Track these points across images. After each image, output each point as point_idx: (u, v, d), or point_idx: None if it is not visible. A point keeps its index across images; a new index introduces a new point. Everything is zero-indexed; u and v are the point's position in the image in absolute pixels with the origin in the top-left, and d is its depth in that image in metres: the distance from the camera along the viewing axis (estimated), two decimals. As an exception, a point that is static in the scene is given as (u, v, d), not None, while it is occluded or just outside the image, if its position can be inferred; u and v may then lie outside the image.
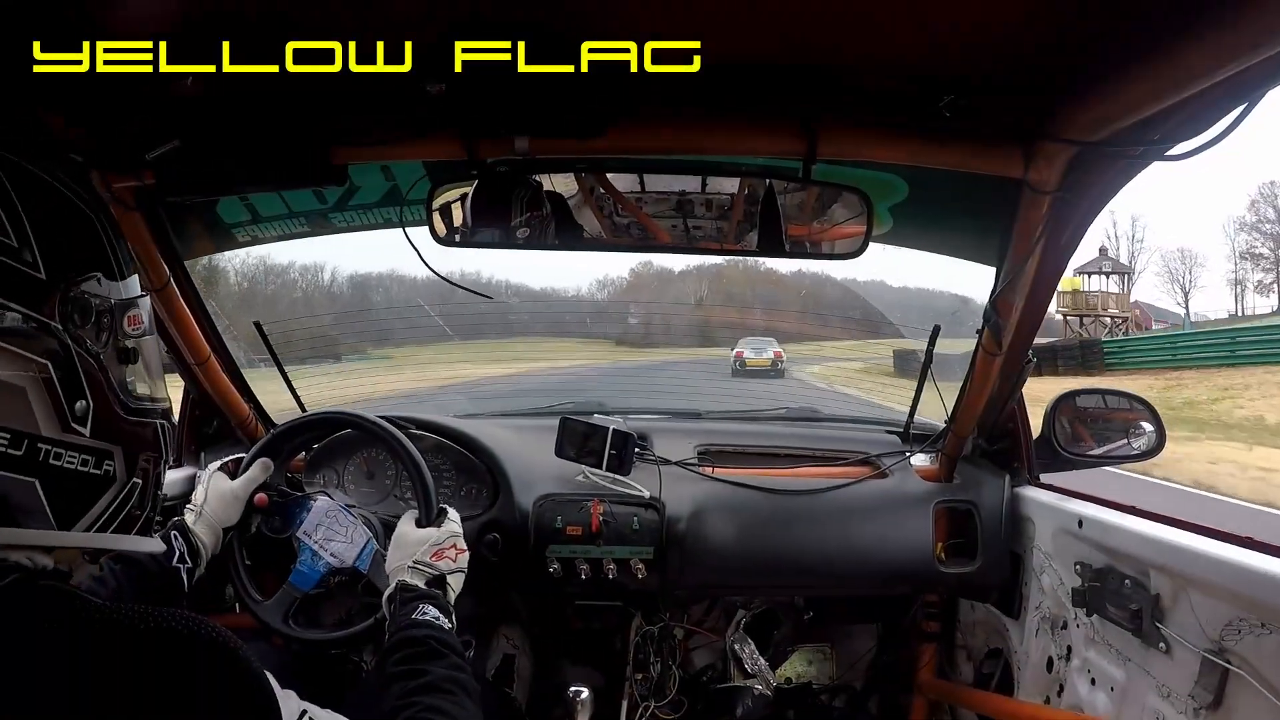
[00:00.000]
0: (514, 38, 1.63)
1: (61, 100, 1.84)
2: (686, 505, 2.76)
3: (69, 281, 1.09)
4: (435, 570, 2.03)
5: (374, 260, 44.34)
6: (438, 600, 1.91)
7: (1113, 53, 1.51)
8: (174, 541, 2.12)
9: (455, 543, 2.12)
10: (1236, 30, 1.24)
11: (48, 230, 1.06)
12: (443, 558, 2.06)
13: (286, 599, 2.33)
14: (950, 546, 2.83)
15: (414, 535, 2.10)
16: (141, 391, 1.22)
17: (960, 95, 1.80)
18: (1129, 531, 2.13)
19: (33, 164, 1.09)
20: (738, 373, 22.32)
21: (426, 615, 1.81)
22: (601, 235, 2.30)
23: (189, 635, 0.99)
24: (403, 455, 2.38)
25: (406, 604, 1.87)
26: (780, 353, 22.94)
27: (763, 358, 22.99)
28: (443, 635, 1.74)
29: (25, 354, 1.02)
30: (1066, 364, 33.37)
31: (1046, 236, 2.05)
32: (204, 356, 2.76)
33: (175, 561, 2.09)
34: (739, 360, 22.67)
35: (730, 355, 23.43)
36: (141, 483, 1.20)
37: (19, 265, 1.02)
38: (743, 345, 23.38)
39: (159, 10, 1.57)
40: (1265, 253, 65.95)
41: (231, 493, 2.32)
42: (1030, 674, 2.63)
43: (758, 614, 3.35)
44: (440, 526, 2.14)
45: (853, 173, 2.29)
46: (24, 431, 1.02)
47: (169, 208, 2.42)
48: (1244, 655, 1.74)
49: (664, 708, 3.16)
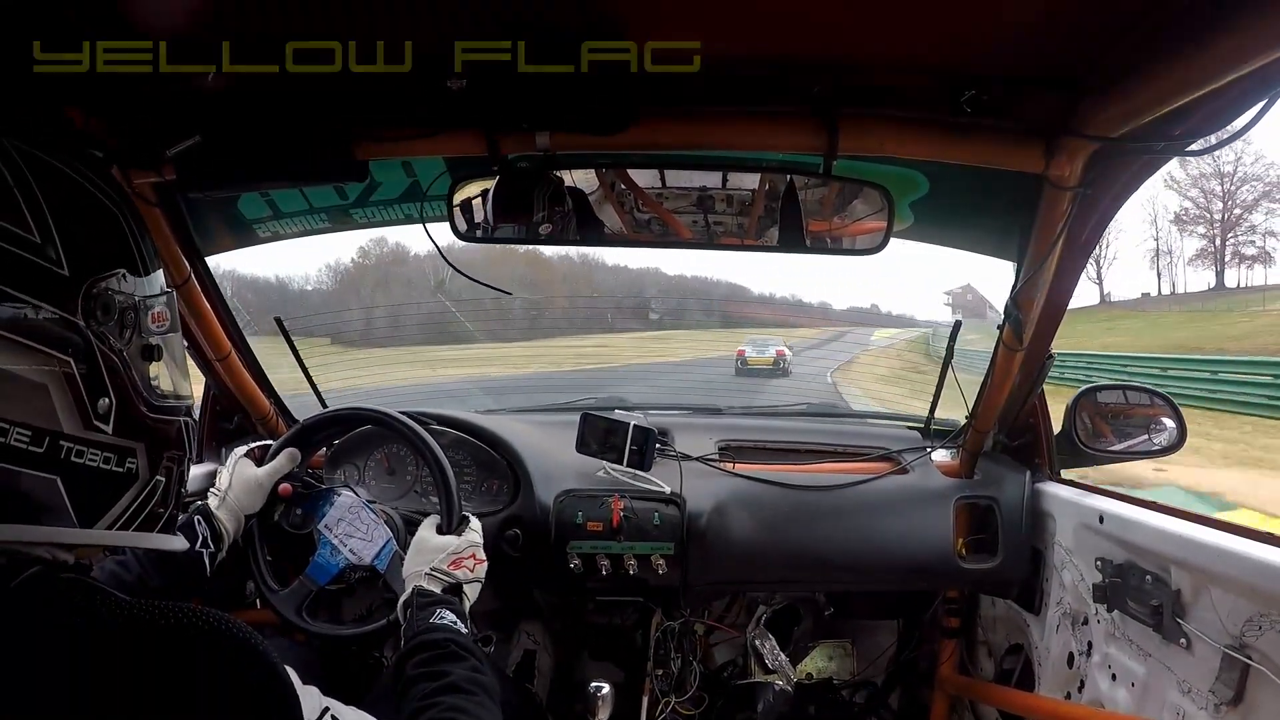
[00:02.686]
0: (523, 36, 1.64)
1: (81, 96, 1.85)
2: (707, 501, 2.75)
3: (93, 278, 1.09)
4: (452, 579, 2.04)
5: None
6: (454, 606, 1.91)
7: (1135, 48, 1.51)
8: (198, 526, 2.13)
9: (474, 552, 2.12)
10: (1259, 26, 1.24)
11: (71, 226, 1.06)
12: (460, 566, 2.07)
13: (302, 591, 2.34)
14: (971, 542, 2.83)
15: (434, 542, 2.11)
16: (165, 388, 1.22)
17: (981, 90, 1.80)
18: (1150, 527, 2.12)
19: (56, 159, 1.10)
20: (740, 371, 22.29)
21: (445, 619, 1.82)
22: (622, 231, 2.30)
23: (210, 631, 1.00)
24: (428, 458, 2.38)
25: (424, 609, 1.88)
26: (784, 350, 22.76)
27: (765, 356, 22.83)
28: (461, 639, 1.75)
29: (48, 350, 1.02)
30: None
31: (1067, 232, 2.04)
32: (225, 352, 2.78)
33: (199, 546, 2.10)
34: (740, 359, 22.62)
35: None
36: (165, 480, 1.21)
37: (42, 261, 1.02)
38: (745, 344, 23.32)
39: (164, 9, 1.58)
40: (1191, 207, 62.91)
41: (256, 480, 2.33)
42: (1051, 669, 2.63)
43: (778, 610, 3.35)
44: (461, 535, 2.15)
45: (873, 168, 2.28)
46: (46, 429, 1.02)
47: (189, 203, 2.44)
48: (1265, 651, 1.73)
49: (684, 703, 3.16)
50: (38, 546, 1.04)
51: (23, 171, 1.03)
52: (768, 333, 25.00)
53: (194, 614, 1.00)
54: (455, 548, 2.09)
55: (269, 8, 1.56)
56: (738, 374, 22.15)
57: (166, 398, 1.22)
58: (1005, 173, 1.99)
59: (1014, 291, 2.31)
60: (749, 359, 22.60)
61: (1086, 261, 2.19)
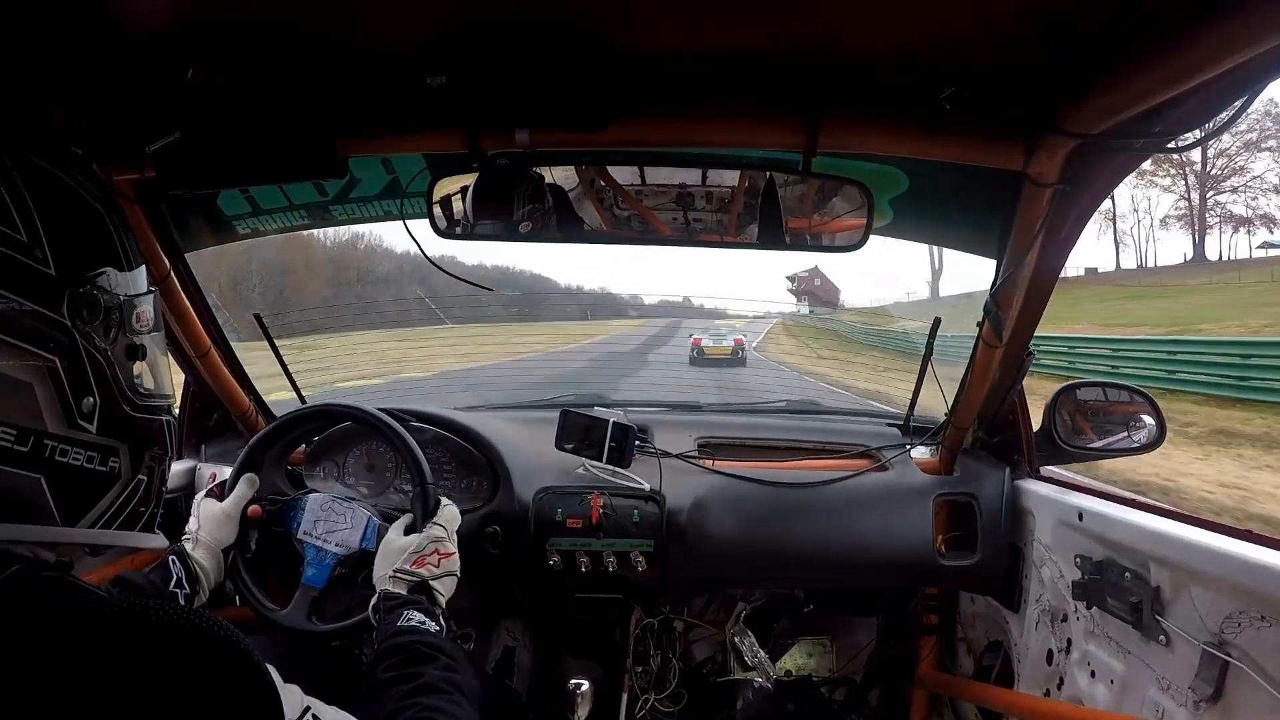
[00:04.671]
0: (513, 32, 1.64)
1: (62, 92, 1.84)
2: (687, 498, 2.75)
3: (79, 277, 1.08)
4: (416, 577, 2.04)
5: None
6: (421, 605, 1.91)
7: (1115, 45, 1.51)
8: (172, 567, 2.12)
9: (438, 548, 2.12)
10: (1239, 22, 1.25)
11: (57, 226, 1.06)
12: (424, 564, 2.07)
13: (305, 599, 2.32)
14: (950, 539, 2.84)
15: (396, 544, 2.12)
16: (148, 387, 1.22)
17: (962, 87, 1.80)
18: (1129, 524, 2.13)
19: (41, 158, 1.09)
20: (696, 361, 22.29)
21: (411, 621, 1.82)
22: (602, 228, 2.29)
23: (192, 629, 0.99)
24: (395, 441, 2.40)
25: (390, 611, 1.88)
26: (742, 339, 22.78)
27: (722, 345, 22.88)
28: (429, 639, 1.75)
29: (34, 349, 1.02)
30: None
31: (1047, 229, 2.05)
32: (204, 349, 2.77)
33: (173, 586, 2.09)
34: (696, 348, 22.68)
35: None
36: (147, 479, 1.21)
37: (29, 261, 1.02)
38: (701, 332, 23.20)
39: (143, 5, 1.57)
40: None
41: (223, 513, 2.32)
42: (1030, 666, 2.64)
43: (758, 607, 3.36)
44: (423, 532, 2.14)
45: (853, 165, 2.29)
46: (30, 428, 1.02)
47: (169, 200, 2.43)
48: (1244, 648, 1.74)
49: (664, 700, 3.17)
50: (19, 545, 1.03)
51: (9, 170, 1.03)
52: (728, 322, 25.27)
53: (176, 612, 0.99)
54: (416, 546, 2.09)
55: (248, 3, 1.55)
56: (692, 364, 22.05)
57: (149, 396, 1.21)
58: (985, 170, 2.00)
59: (994, 288, 2.31)
60: (706, 348, 22.66)
61: (1066, 258, 2.19)
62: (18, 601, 0.97)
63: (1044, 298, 2.30)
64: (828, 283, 54.05)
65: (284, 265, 60.75)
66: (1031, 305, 2.31)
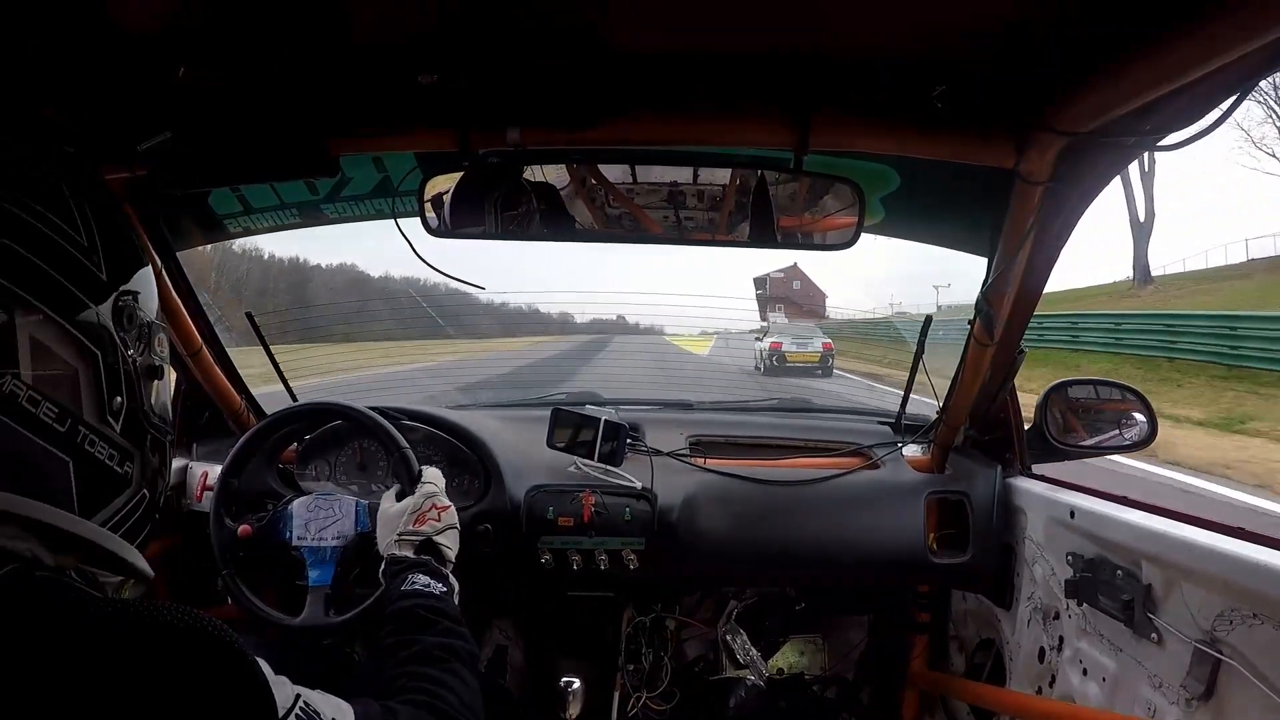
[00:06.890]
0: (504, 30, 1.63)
1: (53, 91, 1.83)
2: (678, 496, 2.76)
3: (122, 285, 1.12)
4: (420, 535, 2.03)
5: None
6: (427, 566, 1.91)
7: (1107, 43, 1.51)
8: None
9: (434, 503, 2.11)
10: (1230, 20, 1.25)
11: (106, 234, 1.09)
12: (425, 521, 2.06)
13: (320, 599, 2.34)
14: (942, 537, 2.84)
15: (393, 510, 2.11)
16: (159, 410, 1.24)
17: (952, 85, 1.80)
18: (1121, 522, 2.13)
19: (87, 167, 1.13)
20: (772, 370, 19.64)
21: (415, 584, 1.82)
22: (593, 226, 2.30)
23: (183, 628, 0.99)
24: (373, 427, 2.41)
25: (395, 576, 1.88)
26: (830, 344, 20.38)
27: (809, 350, 20.17)
28: (432, 602, 1.75)
29: (86, 342, 1.05)
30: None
31: (1038, 227, 2.05)
32: (195, 347, 2.76)
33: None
34: (775, 353, 19.93)
35: (763, 347, 20.23)
36: (149, 496, 1.22)
37: (89, 264, 1.06)
38: (779, 334, 20.76)
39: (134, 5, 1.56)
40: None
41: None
42: (1022, 664, 2.64)
43: (750, 605, 3.35)
44: (415, 492, 2.14)
45: (845, 163, 2.28)
46: (70, 409, 1.05)
47: (160, 199, 2.42)
48: (1236, 646, 1.74)
49: (656, 699, 3.18)
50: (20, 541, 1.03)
51: (73, 179, 1.08)
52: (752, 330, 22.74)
53: (167, 611, 0.99)
54: (413, 506, 2.09)
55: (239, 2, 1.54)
56: (767, 373, 19.53)
57: (161, 418, 1.23)
58: (977, 168, 2.00)
59: (985, 287, 2.31)
60: (788, 353, 20.05)
61: (1058, 256, 2.19)
62: (12, 600, 0.97)
63: (1035, 296, 2.30)
64: (810, 285, 49.51)
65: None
66: (1023, 303, 2.31)
